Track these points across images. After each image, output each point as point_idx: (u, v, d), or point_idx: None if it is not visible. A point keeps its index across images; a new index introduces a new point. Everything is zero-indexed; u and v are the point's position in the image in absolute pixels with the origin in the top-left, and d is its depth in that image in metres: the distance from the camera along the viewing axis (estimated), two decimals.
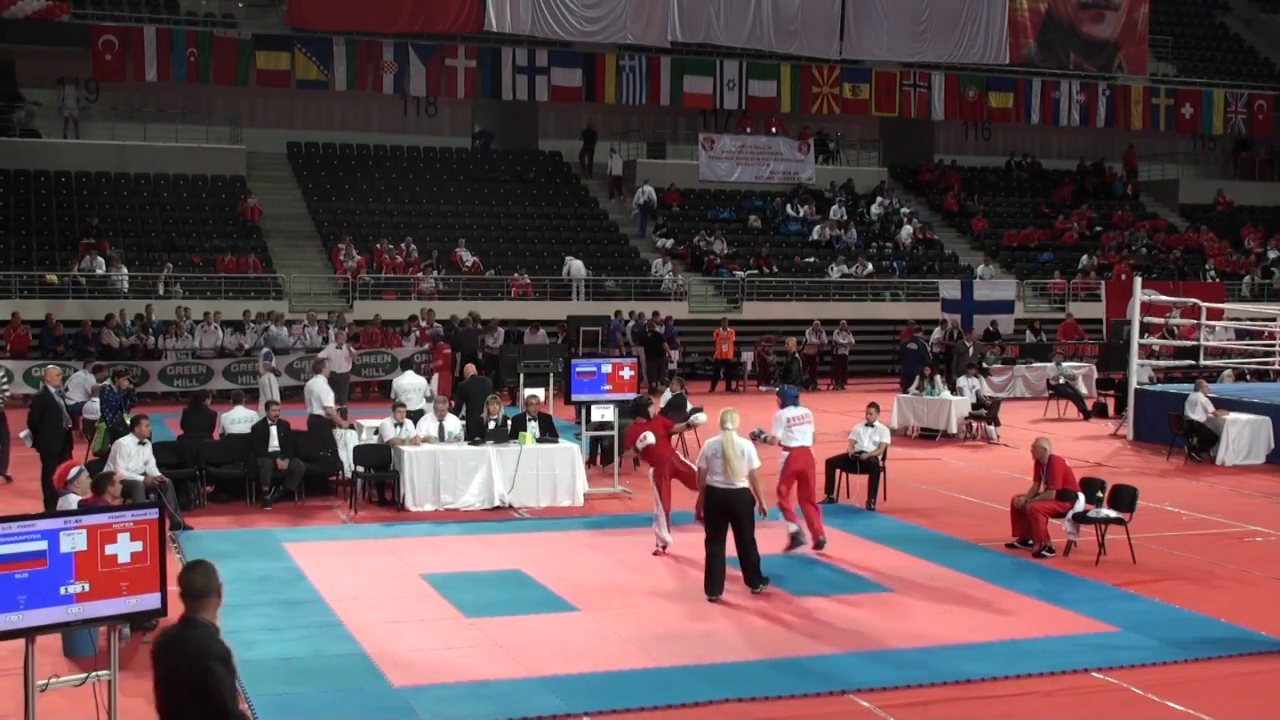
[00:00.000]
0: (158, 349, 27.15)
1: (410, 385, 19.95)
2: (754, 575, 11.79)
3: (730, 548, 11.79)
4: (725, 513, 11.59)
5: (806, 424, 13.57)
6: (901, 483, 17.18)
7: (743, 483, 11.52)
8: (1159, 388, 23.18)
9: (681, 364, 30.66)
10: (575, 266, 33.10)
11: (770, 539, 13.79)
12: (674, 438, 15.09)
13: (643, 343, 29.60)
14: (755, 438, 12.97)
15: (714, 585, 11.62)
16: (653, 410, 14.38)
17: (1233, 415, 20.61)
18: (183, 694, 5.54)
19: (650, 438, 13.96)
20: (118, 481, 11.13)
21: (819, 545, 13.48)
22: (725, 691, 9.28)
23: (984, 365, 27.41)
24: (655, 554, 13.46)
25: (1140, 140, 44.62)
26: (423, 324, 28.80)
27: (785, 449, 13.46)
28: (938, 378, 23.64)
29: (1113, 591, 12.19)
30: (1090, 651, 10.29)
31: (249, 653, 10.06)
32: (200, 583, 5.81)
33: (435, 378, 23.83)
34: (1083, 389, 27.52)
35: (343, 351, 25.09)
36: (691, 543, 14.23)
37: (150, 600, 6.97)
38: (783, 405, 13.70)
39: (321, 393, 18.37)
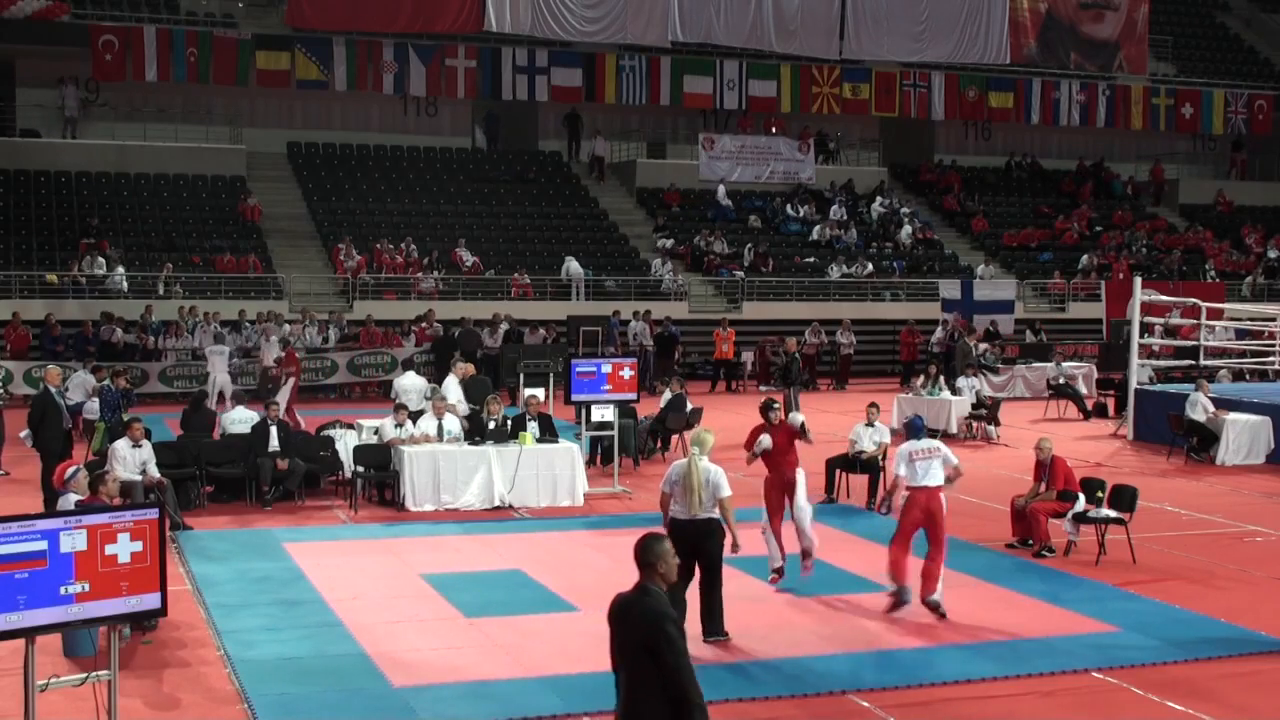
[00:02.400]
0: (158, 349, 27.14)
1: (410, 385, 19.96)
2: (714, 621, 10.39)
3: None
4: (691, 548, 9.94)
5: (934, 459, 11.51)
6: None
7: (708, 514, 10.18)
8: (1159, 388, 23.18)
9: (681, 364, 30.66)
10: (573, 267, 33.10)
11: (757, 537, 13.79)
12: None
13: (658, 343, 29.70)
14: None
15: None
16: (774, 416, 12.55)
17: (1233, 415, 20.61)
18: (640, 655, 5.90)
19: (767, 441, 12.28)
20: (111, 481, 11.13)
21: (934, 608, 11.33)
22: (725, 691, 9.27)
23: (984, 363, 27.36)
24: (772, 582, 12.17)
25: (1140, 140, 44.63)
26: (423, 324, 28.83)
27: (906, 489, 11.49)
28: (940, 377, 23.67)
29: (1113, 591, 12.20)
30: (1090, 651, 10.29)
31: (249, 653, 10.07)
32: (639, 555, 6.16)
33: (287, 385, 21.33)
34: (1083, 389, 27.53)
35: (272, 346, 25.07)
36: None
37: (150, 600, 6.97)
38: (907, 437, 11.85)
39: (447, 391, 18.51)
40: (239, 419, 17.21)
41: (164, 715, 8.96)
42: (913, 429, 11.95)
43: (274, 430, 16.09)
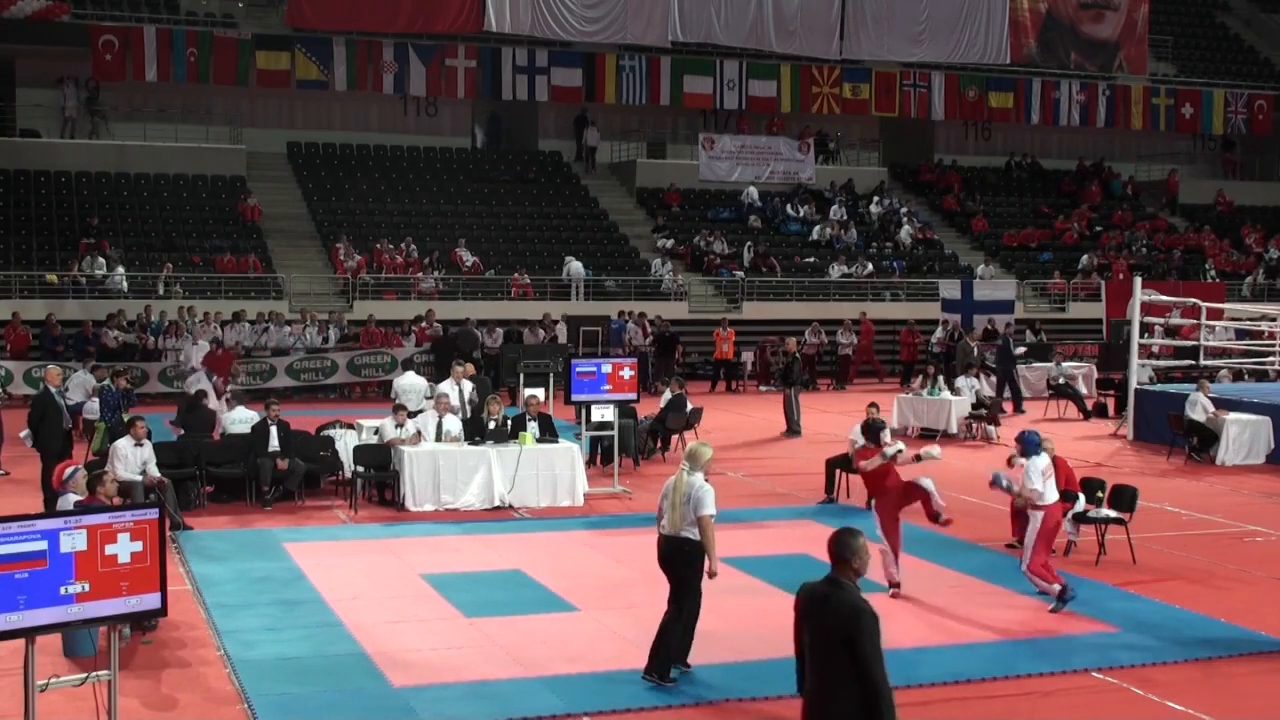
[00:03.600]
0: (158, 349, 27.14)
1: (410, 385, 19.96)
2: (658, 657, 9.43)
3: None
4: (666, 565, 9.52)
5: (1052, 475, 11.67)
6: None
7: (686, 532, 9.34)
8: (1159, 388, 23.19)
9: (681, 364, 30.67)
10: (574, 267, 33.11)
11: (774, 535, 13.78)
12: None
13: (659, 343, 29.72)
14: (995, 485, 11.64)
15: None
16: (887, 438, 12.19)
17: (1233, 415, 20.61)
18: (833, 645, 6.02)
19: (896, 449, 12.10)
20: (109, 481, 11.15)
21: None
22: (725, 691, 9.28)
23: (987, 364, 27.35)
24: (893, 596, 11.71)
25: (1140, 140, 44.64)
26: (423, 324, 28.83)
27: (1038, 507, 11.50)
28: (940, 377, 23.67)
29: (1113, 591, 12.19)
30: (1090, 651, 10.29)
31: (249, 653, 10.07)
32: (835, 549, 6.29)
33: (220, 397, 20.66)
34: (1083, 389, 27.52)
35: (200, 348, 24.89)
36: None
37: (150, 600, 6.97)
38: (1028, 453, 11.72)
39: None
40: (239, 419, 17.21)
41: (164, 715, 8.96)
42: (1030, 444, 11.75)
43: (274, 430, 16.09)
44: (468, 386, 18.77)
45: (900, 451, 12.14)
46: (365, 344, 28.42)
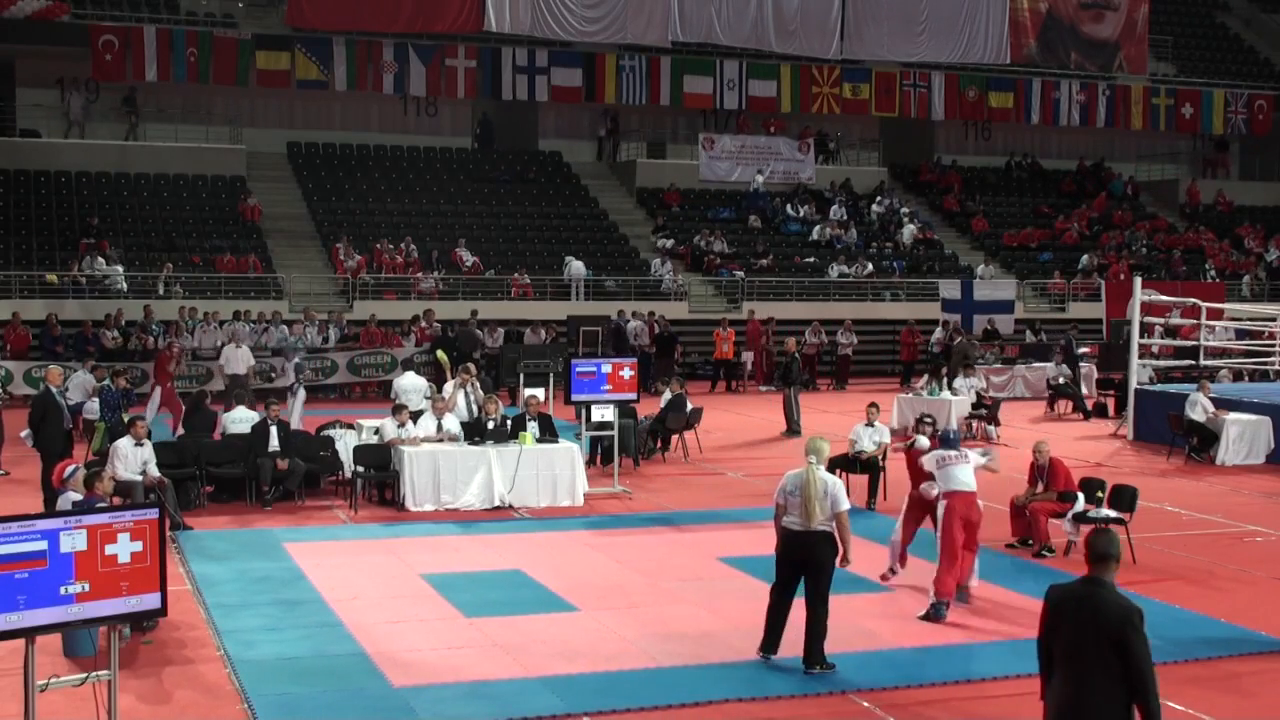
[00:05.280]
0: (157, 349, 27.11)
1: (410, 385, 19.94)
2: (815, 648, 9.71)
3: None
4: (801, 560, 9.77)
5: (964, 463, 11.64)
6: (902, 483, 17.05)
7: (823, 526, 9.68)
8: (1159, 388, 23.20)
9: (681, 364, 30.66)
10: (575, 267, 33.11)
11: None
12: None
13: (659, 343, 29.72)
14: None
15: (769, 641, 9.97)
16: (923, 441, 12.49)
17: (1233, 415, 20.61)
18: (1100, 646, 6.02)
19: (923, 442, 12.65)
20: (107, 479, 11.15)
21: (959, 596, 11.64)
22: (725, 691, 9.28)
23: (969, 360, 27.32)
24: (883, 577, 12.30)
25: (1140, 140, 44.63)
26: (423, 324, 28.83)
27: (944, 494, 11.58)
28: (945, 378, 23.67)
29: None
30: None
31: (249, 653, 10.08)
32: (1101, 548, 6.25)
33: (155, 395, 20.85)
34: (1083, 389, 27.53)
35: (241, 352, 24.79)
36: (692, 541, 14.24)
37: (150, 600, 6.97)
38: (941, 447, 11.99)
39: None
40: (239, 419, 17.20)
41: (164, 715, 8.95)
42: (943, 441, 12.11)
43: (274, 430, 16.09)
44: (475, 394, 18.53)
45: (916, 446, 12.46)
46: (365, 344, 28.41)
